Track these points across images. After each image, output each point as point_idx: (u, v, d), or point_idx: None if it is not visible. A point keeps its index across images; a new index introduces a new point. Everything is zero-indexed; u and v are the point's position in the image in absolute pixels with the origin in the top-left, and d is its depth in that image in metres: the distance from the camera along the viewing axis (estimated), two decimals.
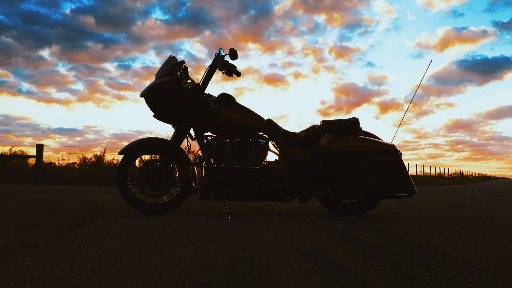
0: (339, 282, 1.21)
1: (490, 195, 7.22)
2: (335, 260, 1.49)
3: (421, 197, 5.98)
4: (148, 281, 1.16)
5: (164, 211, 2.82)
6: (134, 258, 1.44)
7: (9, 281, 1.14)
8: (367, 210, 3.01)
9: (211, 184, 2.80)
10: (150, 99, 2.74)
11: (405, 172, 2.84)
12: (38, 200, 3.75)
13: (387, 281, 1.23)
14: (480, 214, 3.53)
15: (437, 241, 2.00)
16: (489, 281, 1.27)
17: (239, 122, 2.84)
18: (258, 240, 1.88)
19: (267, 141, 2.98)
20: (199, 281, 1.18)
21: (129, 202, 2.79)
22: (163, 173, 2.80)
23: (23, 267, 1.28)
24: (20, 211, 2.79)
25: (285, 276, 1.26)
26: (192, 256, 1.50)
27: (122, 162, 2.80)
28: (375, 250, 1.70)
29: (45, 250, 1.54)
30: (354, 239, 1.96)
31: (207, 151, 2.86)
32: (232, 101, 2.90)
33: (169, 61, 2.81)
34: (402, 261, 1.51)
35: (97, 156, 10.35)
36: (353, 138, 2.89)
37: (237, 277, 1.24)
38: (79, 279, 1.17)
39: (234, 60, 2.76)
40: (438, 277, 1.30)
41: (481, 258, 1.61)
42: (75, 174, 8.89)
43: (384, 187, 2.82)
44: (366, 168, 2.81)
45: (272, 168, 2.89)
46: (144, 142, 2.84)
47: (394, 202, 4.54)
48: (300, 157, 2.90)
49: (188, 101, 2.74)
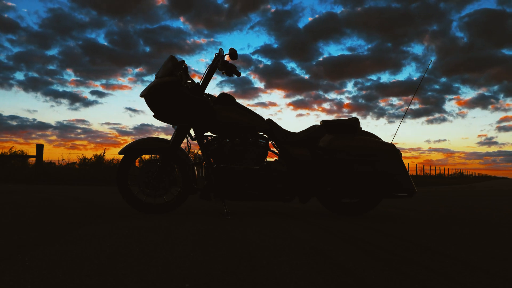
0: (339, 282, 1.21)
1: (490, 195, 7.22)
2: (335, 260, 1.49)
3: (421, 197, 5.98)
4: (148, 281, 1.16)
5: (164, 211, 2.82)
6: (134, 258, 1.44)
7: (9, 281, 1.14)
8: (367, 210, 3.01)
9: (211, 184, 2.80)
10: (150, 99, 2.74)
11: (405, 172, 2.84)
12: (38, 200, 3.75)
13: (387, 281, 1.23)
14: (481, 214, 3.53)
15: (437, 241, 2.00)
16: (489, 281, 1.27)
17: (239, 122, 2.84)
18: (258, 240, 1.88)
19: (267, 141, 2.98)
20: (199, 281, 1.18)
21: (129, 202, 2.79)
22: (163, 173, 2.80)
23: (23, 267, 1.28)
24: (20, 211, 2.79)
25: (285, 276, 1.26)
26: (192, 256, 1.50)
27: (122, 162, 2.80)
28: (375, 250, 1.70)
29: (45, 250, 1.54)
30: (354, 239, 1.96)
31: (207, 151, 2.86)
32: (232, 101, 2.90)
33: (169, 61, 2.81)
34: (402, 261, 1.51)
35: (97, 156, 10.34)
36: (353, 138, 2.89)
37: (237, 277, 1.24)
38: (79, 279, 1.17)
39: (234, 60, 2.77)
40: (438, 277, 1.30)
41: (481, 258, 1.61)
42: (75, 174, 8.89)
43: (384, 187, 2.82)
44: (366, 168, 2.81)
45: (272, 168, 2.89)
46: (144, 142, 2.84)
47: (394, 202, 4.54)
48: (300, 157, 2.90)
49: (188, 101, 2.74)
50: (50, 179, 8.36)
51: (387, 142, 2.93)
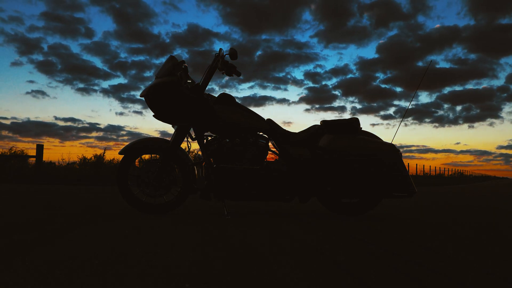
0: (339, 282, 1.21)
1: (490, 195, 7.22)
2: (335, 260, 1.49)
3: (421, 197, 5.98)
4: (148, 281, 1.16)
5: (164, 211, 2.82)
6: (134, 258, 1.44)
7: (9, 281, 1.14)
8: (367, 210, 3.01)
9: (211, 184, 2.80)
10: (150, 99, 2.74)
11: (405, 171, 2.85)
12: (38, 200, 3.75)
13: (387, 281, 1.23)
14: (481, 214, 3.53)
15: (437, 241, 2.00)
16: (489, 281, 1.27)
17: (239, 122, 2.84)
18: (258, 240, 1.88)
19: (267, 141, 2.98)
20: (199, 281, 1.18)
21: (129, 202, 2.79)
22: (163, 173, 2.80)
23: (23, 267, 1.28)
24: (20, 211, 2.79)
25: (285, 276, 1.26)
26: (192, 256, 1.50)
27: (122, 162, 2.80)
28: (375, 250, 1.70)
29: (45, 250, 1.54)
30: (354, 239, 1.96)
31: (207, 151, 2.86)
32: (232, 101, 2.90)
33: (169, 61, 2.81)
34: (402, 261, 1.51)
35: (97, 156, 10.33)
36: (352, 138, 2.89)
37: (237, 277, 1.24)
38: (79, 279, 1.17)
39: (234, 60, 2.77)
40: (438, 277, 1.30)
41: (481, 258, 1.61)
42: (75, 174, 8.88)
43: (383, 187, 2.82)
44: (366, 168, 2.81)
45: (272, 168, 2.89)
46: (144, 142, 2.84)
47: (394, 202, 4.54)
48: (300, 157, 2.90)
49: (188, 101, 2.74)
50: (50, 179, 8.35)
51: (387, 142, 2.93)
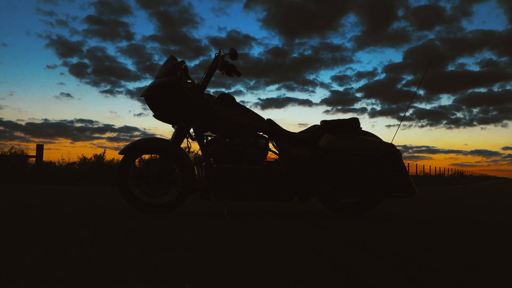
0: (339, 282, 1.21)
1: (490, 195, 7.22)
2: (335, 260, 1.49)
3: (421, 197, 5.98)
4: (148, 281, 1.16)
5: (164, 211, 2.82)
6: (134, 258, 1.44)
7: (9, 281, 1.14)
8: (367, 210, 3.01)
9: (211, 184, 2.80)
10: (151, 99, 2.74)
11: (405, 171, 2.85)
12: (38, 200, 3.75)
13: (387, 281, 1.23)
14: (481, 214, 3.53)
15: (437, 241, 2.00)
16: (489, 281, 1.27)
17: (239, 122, 2.84)
18: (258, 240, 1.88)
19: (267, 141, 2.98)
20: (199, 281, 1.18)
21: (129, 202, 2.79)
22: (163, 173, 2.80)
23: (23, 267, 1.28)
24: (20, 211, 2.79)
25: (285, 276, 1.26)
26: (192, 256, 1.50)
27: (122, 162, 2.80)
28: (375, 250, 1.70)
29: (45, 250, 1.54)
30: (354, 239, 1.96)
31: (207, 151, 2.86)
32: (232, 101, 2.90)
33: (169, 61, 2.81)
34: (402, 261, 1.51)
35: (97, 156, 10.33)
36: (352, 138, 2.89)
37: (237, 277, 1.24)
38: (79, 279, 1.17)
39: (234, 60, 2.77)
40: (438, 277, 1.30)
41: (481, 258, 1.61)
42: (75, 174, 8.88)
43: (383, 187, 2.82)
44: (366, 168, 2.81)
45: (272, 168, 2.89)
46: (144, 142, 2.84)
47: (394, 202, 4.54)
48: (300, 157, 2.90)
49: (188, 101, 2.74)
50: (50, 179, 8.35)
51: (387, 142, 2.93)
